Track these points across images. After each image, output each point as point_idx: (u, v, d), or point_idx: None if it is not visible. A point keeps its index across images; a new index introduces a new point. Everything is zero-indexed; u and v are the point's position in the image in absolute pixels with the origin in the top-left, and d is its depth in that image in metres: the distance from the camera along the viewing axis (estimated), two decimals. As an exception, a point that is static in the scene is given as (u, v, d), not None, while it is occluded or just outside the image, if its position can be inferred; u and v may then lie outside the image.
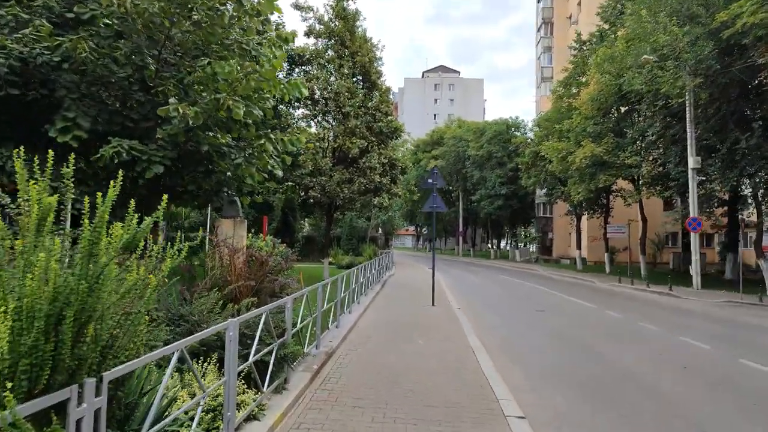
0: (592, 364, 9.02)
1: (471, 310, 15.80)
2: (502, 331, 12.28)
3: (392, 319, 12.73)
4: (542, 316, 14.76)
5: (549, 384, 7.58)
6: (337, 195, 21.08)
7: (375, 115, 22.16)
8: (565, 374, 8.22)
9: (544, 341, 11.06)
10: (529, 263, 49.69)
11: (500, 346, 10.24)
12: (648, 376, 8.20)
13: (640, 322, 13.91)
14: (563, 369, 8.61)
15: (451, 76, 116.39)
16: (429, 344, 9.83)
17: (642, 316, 15.12)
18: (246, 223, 16.47)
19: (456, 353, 9.10)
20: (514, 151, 52.08)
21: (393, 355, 8.80)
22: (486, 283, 26.53)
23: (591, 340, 11.18)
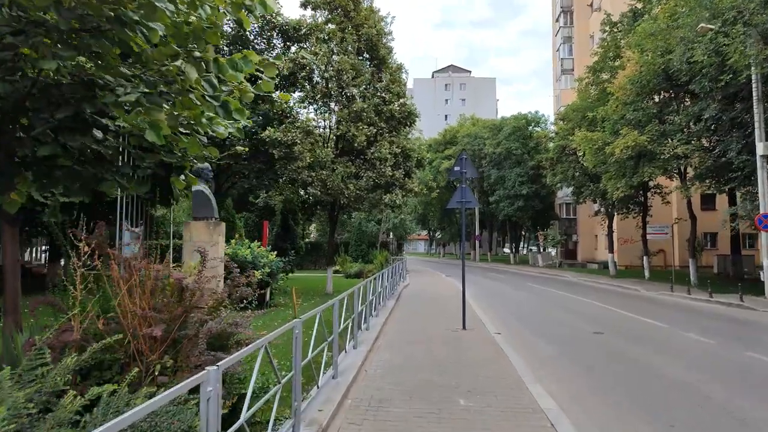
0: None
1: (511, 332, 12.23)
2: (566, 371, 8.69)
3: (414, 357, 9.17)
4: (607, 343, 11.14)
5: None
6: (341, 192, 17.61)
7: (385, 97, 18.70)
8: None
9: (638, 391, 7.44)
10: (553, 268, 45.91)
11: (582, 404, 6.67)
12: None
13: (746, 352, 10.26)
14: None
15: (462, 75, 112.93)
16: (478, 406, 6.29)
17: (739, 342, 11.47)
18: (223, 226, 12.99)
19: (526, 425, 5.57)
20: (535, 147, 48.42)
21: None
22: (515, 292, 22.88)
23: (706, 387, 7.55)
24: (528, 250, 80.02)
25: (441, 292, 22.07)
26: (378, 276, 14.52)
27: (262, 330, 11.12)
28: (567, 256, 51.92)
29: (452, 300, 18.56)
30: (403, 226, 43.81)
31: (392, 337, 11.12)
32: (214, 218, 12.68)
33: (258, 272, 14.12)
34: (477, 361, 8.81)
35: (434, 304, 17.53)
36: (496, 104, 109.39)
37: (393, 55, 19.72)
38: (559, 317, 15.36)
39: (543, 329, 12.98)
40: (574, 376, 8.28)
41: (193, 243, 12.41)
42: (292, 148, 17.21)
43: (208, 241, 12.40)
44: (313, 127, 17.96)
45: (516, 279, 32.73)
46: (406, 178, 19.05)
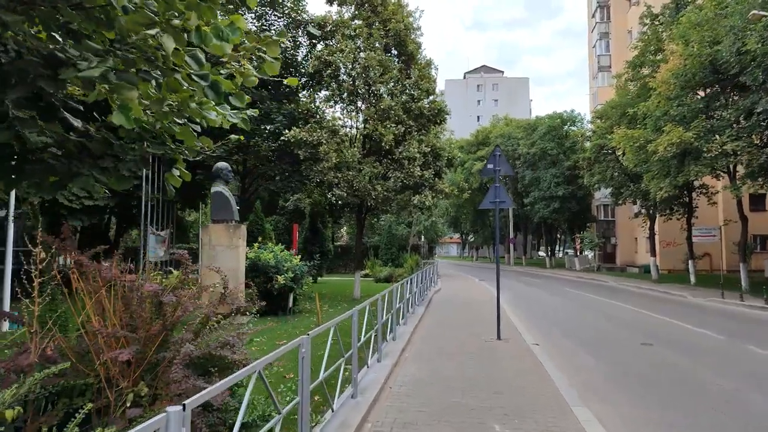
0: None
1: (550, 343, 11.29)
2: (615, 389, 7.73)
3: (444, 372, 8.36)
4: (658, 356, 10.09)
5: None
6: (368, 194, 16.88)
7: (413, 94, 17.91)
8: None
9: (704, 418, 6.47)
10: (591, 272, 44.26)
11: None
12: None
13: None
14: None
15: (494, 76, 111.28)
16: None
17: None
18: (244, 229, 12.45)
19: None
20: (571, 147, 46.84)
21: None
22: (553, 298, 21.77)
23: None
24: (564, 253, 77.95)
25: (474, 298, 21.14)
26: (406, 281, 13.75)
27: (282, 339, 10.48)
28: (605, 260, 50.09)
29: (486, 306, 17.64)
30: (435, 228, 42.80)
31: (421, 348, 10.32)
32: (234, 221, 12.13)
33: (281, 277, 13.56)
34: (513, 377, 7.94)
35: (467, 310, 16.65)
36: (529, 105, 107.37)
37: (422, 50, 18.94)
38: (602, 326, 14.29)
39: (585, 339, 11.98)
40: (624, 397, 7.34)
41: (212, 246, 11.88)
42: (317, 148, 16.60)
43: (228, 245, 11.86)
44: (339, 126, 17.32)
45: (552, 283, 31.46)
46: (436, 178, 18.19)
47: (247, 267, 13.86)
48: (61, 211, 16.68)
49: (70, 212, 16.85)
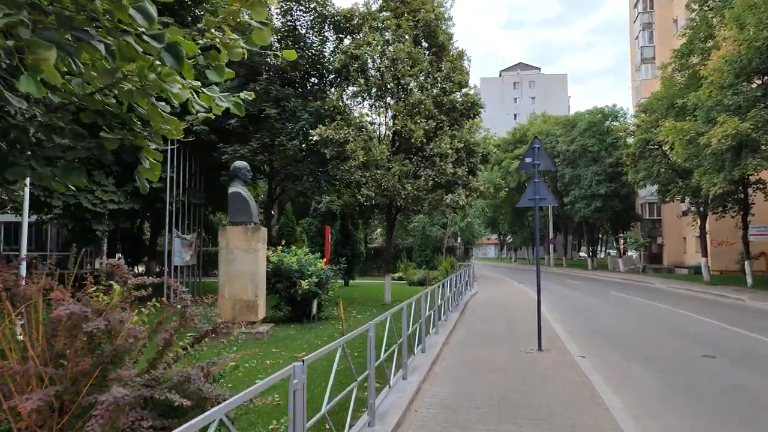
0: None
1: (598, 355, 10.16)
2: (679, 414, 6.61)
3: (478, 393, 7.37)
4: (724, 372, 8.86)
5: None
6: (397, 193, 15.98)
7: (445, 87, 16.92)
8: None
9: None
10: (636, 274, 42.21)
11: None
12: None
13: None
14: None
15: (531, 73, 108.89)
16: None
17: None
18: (264, 232, 11.73)
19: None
20: (613, 143, 44.89)
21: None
22: (597, 302, 20.39)
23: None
24: (606, 254, 75.28)
25: (512, 303, 19.97)
26: (438, 286, 12.78)
27: (301, 350, 9.68)
28: (651, 261, 47.83)
29: (525, 312, 16.50)
30: (471, 229, 41.54)
31: (452, 362, 9.35)
32: (253, 223, 11.42)
33: (305, 282, 12.79)
34: (558, 398, 6.91)
35: (504, 317, 15.55)
36: (567, 101, 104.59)
37: (453, 42, 17.94)
38: (655, 335, 13.00)
39: (637, 350, 10.77)
40: (691, 424, 6.23)
41: (229, 250, 11.20)
42: (344, 146, 15.81)
43: (246, 249, 11.15)
44: (366, 122, 16.48)
45: (596, 286, 29.88)
46: (470, 175, 17.13)
47: (271, 271, 13.18)
48: (86, 215, 16.35)
49: (94, 216, 16.51)
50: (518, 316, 15.58)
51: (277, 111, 17.29)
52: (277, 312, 13.75)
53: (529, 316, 15.24)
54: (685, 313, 17.08)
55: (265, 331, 11.08)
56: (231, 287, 11.10)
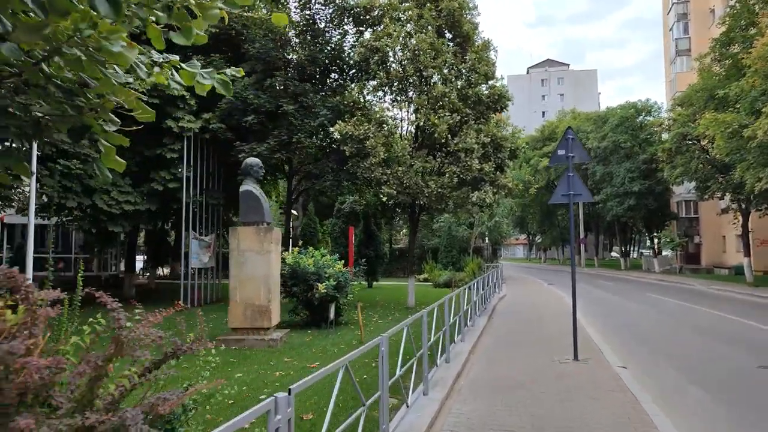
0: None
1: (640, 365, 9.22)
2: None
3: (506, 413, 6.54)
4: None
5: None
6: (420, 191, 15.19)
7: (470, 79, 16.07)
8: None
9: None
10: (673, 274, 40.52)
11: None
12: None
13: None
14: None
15: (559, 69, 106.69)
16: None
17: None
18: (278, 233, 11.07)
19: None
20: (647, 139, 43.23)
21: None
22: (634, 305, 19.23)
23: None
24: (638, 254, 73.06)
25: (543, 305, 18.99)
26: (465, 289, 11.95)
27: (315, 360, 8.97)
28: (688, 261, 45.94)
29: (557, 316, 15.54)
30: (499, 229, 40.39)
31: (480, 374, 8.52)
32: (266, 223, 10.77)
33: (322, 285, 12.10)
34: (601, 420, 6.04)
35: (535, 321, 14.62)
36: (598, 98, 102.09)
37: (479, 32, 17.07)
38: (700, 342, 11.93)
39: (683, 360, 9.77)
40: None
41: (240, 252, 10.56)
42: (364, 143, 15.09)
43: (258, 250, 10.50)
44: (387, 117, 15.73)
45: (631, 288, 28.55)
46: (498, 172, 16.23)
47: (287, 274, 12.55)
48: (101, 217, 15.99)
49: (110, 218, 16.13)
50: (550, 321, 14.64)
51: (295, 107, 16.67)
52: (294, 317, 13.11)
53: (561, 321, 14.30)
54: (730, 317, 15.87)
55: (279, 338, 10.42)
56: (242, 291, 10.47)
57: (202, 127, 17.01)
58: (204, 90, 3.75)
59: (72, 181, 15.14)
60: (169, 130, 16.42)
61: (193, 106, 16.95)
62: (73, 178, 15.18)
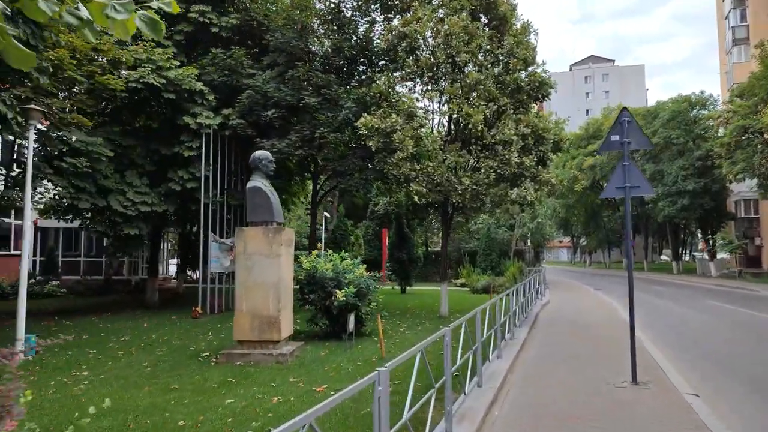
0: None
1: (717, 392, 7.60)
2: None
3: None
4: None
5: None
6: (453, 188, 13.80)
7: (508, 64, 14.60)
8: None
9: None
10: (731, 279, 37.60)
11: None
12: None
13: None
14: None
15: (604, 65, 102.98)
16: None
17: None
18: (289, 233, 9.90)
19: None
20: (702, 134, 40.47)
21: None
22: (696, 315, 17.26)
23: None
24: (690, 256, 69.24)
25: (591, 314, 17.27)
26: (503, 297, 10.51)
27: (324, 383, 7.71)
28: (748, 264, 42.70)
29: (608, 326, 13.89)
30: (541, 231, 38.39)
31: (518, 402, 7.09)
32: (276, 223, 9.61)
33: (340, 293, 10.88)
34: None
35: (583, 333, 13.01)
36: (645, 94, 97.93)
37: (518, 14, 15.57)
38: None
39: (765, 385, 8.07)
40: None
41: (247, 256, 9.42)
42: (390, 136, 13.82)
43: (267, 254, 9.32)
44: (416, 108, 14.42)
45: (687, 294, 26.27)
46: (540, 166, 14.69)
47: (305, 280, 11.39)
48: (116, 219, 15.22)
49: (125, 220, 15.35)
50: (600, 332, 13.01)
51: (318, 100, 15.56)
52: (313, 326, 11.92)
53: (613, 332, 12.67)
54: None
55: (290, 352, 9.24)
56: (249, 300, 9.34)
57: (221, 123, 16.09)
58: (125, 34, 2.54)
59: (85, 181, 14.42)
60: (186, 127, 15.56)
61: (212, 101, 16.06)
62: (85, 177, 14.47)
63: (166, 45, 16.62)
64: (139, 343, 10.93)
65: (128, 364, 8.95)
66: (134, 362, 9.07)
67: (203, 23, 17.45)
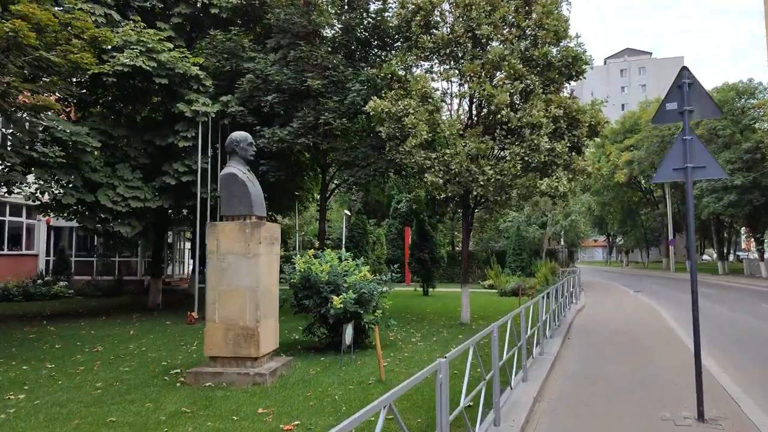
0: None
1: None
2: None
3: None
4: None
5: None
6: (473, 179, 12.08)
7: (537, 37, 12.81)
8: None
9: None
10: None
11: None
12: None
13: None
14: None
15: (640, 58, 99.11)
16: None
17: None
18: (271, 229, 8.32)
19: None
20: (750, 125, 37.60)
21: None
22: (758, 323, 15.08)
23: None
24: (735, 256, 65.50)
25: (634, 321, 15.30)
26: (531, 305, 8.77)
27: (301, 413, 6.01)
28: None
29: (655, 337, 11.99)
30: (576, 229, 36.10)
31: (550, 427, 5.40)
32: (255, 216, 8.08)
33: (337, 299, 9.31)
34: None
35: (628, 347, 11.13)
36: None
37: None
38: None
39: None
40: None
41: (221, 256, 7.91)
42: (402, 120, 12.19)
43: (244, 252, 7.76)
44: (431, 89, 12.72)
45: (739, 297, 23.87)
46: (573, 153, 12.85)
47: (299, 283, 9.87)
48: (105, 215, 13.99)
49: (115, 216, 14.12)
50: (647, 345, 11.12)
51: (323, 83, 14.04)
52: (310, 337, 10.37)
53: (664, 346, 10.79)
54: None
55: (272, 371, 7.69)
56: (223, 309, 7.84)
57: (220, 111, 14.72)
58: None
59: (69, 174, 13.20)
60: (181, 114, 14.23)
61: (209, 87, 14.71)
62: (70, 170, 13.26)
63: (162, 28, 15.37)
64: (110, 356, 9.55)
65: (79, 384, 7.54)
66: (88, 382, 7.66)
67: (203, 4, 16.16)
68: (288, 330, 12.32)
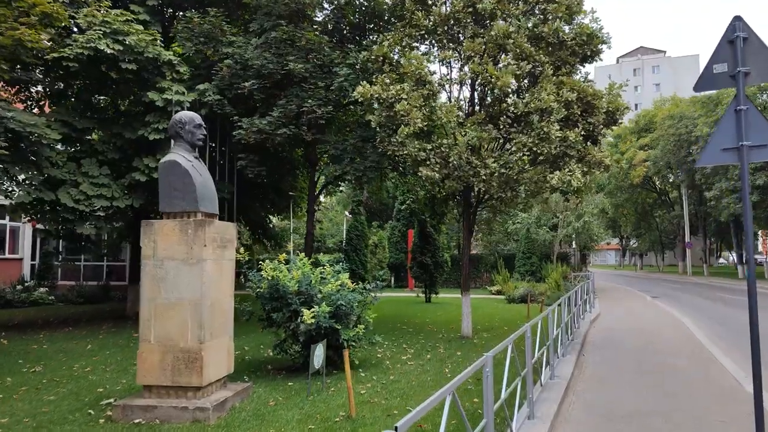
0: None
1: None
2: None
3: None
4: None
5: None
6: (475, 173, 10.59)
7: (546, 11, 11.31)
8: None
9: None
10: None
11: None
12: None
13: None
14: None
15: (654, 57, 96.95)
16: None
17: None
18: (222, 228, 6.87)
19: None
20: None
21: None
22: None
23: None
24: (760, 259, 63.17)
25: (655, 332, 13.69)
26: (539, 322, 7.26)
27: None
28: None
29: (684, 353, 10.40)
30: (588, 231, 34.35)
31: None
32: (201, 213, 6.63)
33: (309, 313, 7.82)
34: None
35: (653, 365, 9.54)
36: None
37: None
38: None
39: None
40: None
41: (158, 261, 6.45)
42: (394, 107, 10.72)
43: (185, 258, 6.32)
44: (426, 72, 11.24)
45: (765, 305, 22.09)
46: (588, 142, 11.32)
47: (267, 293, 8.42)
48: (66, 216, 12.65)
49: (80, 217, 12.78)
50: (674, 364, 9.53)
51: (306, 66, 12.61)
52: (282, 356, 8.90)
53: (694, 367, 9.20)
54: None
55: (217, 404, 6.23)
56: (160, 326, 6.42)
57: (196, 100, 13.33)
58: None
59: (25, 170, 11.89)
60: (152, 104, 12.86)
61: (183, 74, 13.33)
62: (28, 165, 11.95)
63: (135, 12, 14.02)
64: (43, 379, 8.15)
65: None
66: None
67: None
68: (264, 345, 10.90)
